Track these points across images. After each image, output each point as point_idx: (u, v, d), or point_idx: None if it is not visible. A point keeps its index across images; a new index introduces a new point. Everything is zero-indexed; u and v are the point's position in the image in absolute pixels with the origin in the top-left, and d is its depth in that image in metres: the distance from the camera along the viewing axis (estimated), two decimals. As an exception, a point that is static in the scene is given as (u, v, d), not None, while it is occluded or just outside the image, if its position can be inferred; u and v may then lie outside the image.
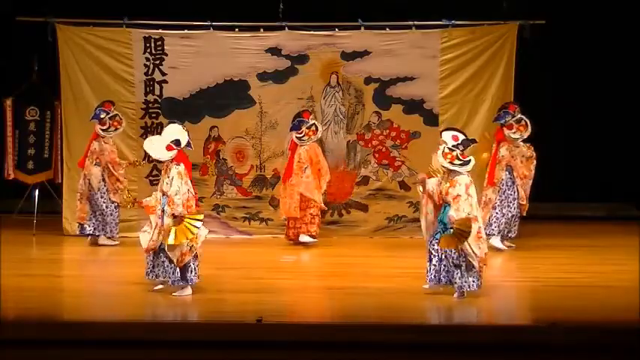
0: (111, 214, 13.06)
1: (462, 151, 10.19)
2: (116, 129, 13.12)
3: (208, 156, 14.07)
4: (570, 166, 15.19)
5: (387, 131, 14.11)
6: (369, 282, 11.00)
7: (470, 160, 10.19)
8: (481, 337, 8.76)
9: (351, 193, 14.12)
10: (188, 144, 10.33)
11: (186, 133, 10.33)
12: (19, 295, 9.98)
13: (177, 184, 10.04)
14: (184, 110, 13.91)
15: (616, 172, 15.17)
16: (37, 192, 14.39)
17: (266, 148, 14.03)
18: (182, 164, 10.18)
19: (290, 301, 10.40)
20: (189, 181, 10.18)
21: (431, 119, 13.95)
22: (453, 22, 13.85)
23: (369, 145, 14.14)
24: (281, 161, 13.91)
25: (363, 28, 13.88)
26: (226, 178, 14.12)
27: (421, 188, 10.28)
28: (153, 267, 10.22)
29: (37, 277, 11.11)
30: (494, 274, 11.41)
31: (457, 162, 10.11)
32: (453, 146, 10.19)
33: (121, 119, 13.14)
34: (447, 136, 10.37)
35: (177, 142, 10.18)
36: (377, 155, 14.13)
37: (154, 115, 13.96)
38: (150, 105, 13.98)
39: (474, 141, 10.52)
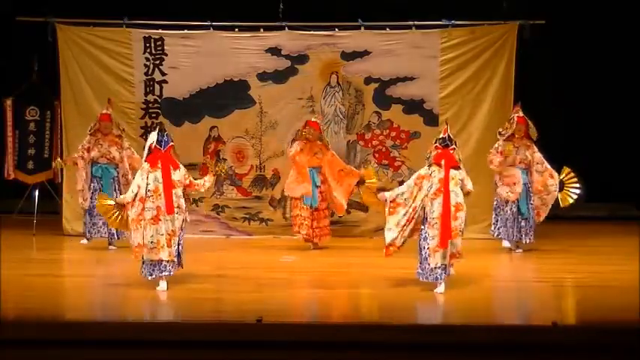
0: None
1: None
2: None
3: (208, 156, 14.07)
4: (570, 166, 15.16)
5: (387, 131, 14.11)
6: (369, 282, 11.00)
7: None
8: (481, 337, 8.76)
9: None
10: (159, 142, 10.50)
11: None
12: (19, 295, 9.98)
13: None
14: (184, 110, 13.93)
15: (616, 172, 15.17)
16: (37, 192, 14.40)
17: (266, 148, 14.03)
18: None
19: (290, 301, 10.40)
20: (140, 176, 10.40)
21: (431, 119, 13.95)
22: (453, 22, 13.86)
23: (369, 145, 14.15)
24: (281, 161, 13.91)
25: (363, 28, 13.88)
26: (226, 178, 14.13)
27: None
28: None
29: (37, 277, 11.11)
30: (494, 274, 11.42)
31: None
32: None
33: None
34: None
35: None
36: (377, 155, 14.13)
37: (153, 115, 13.96)
38: (150, 105, 13.99)
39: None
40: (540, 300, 10.43)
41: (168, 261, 10.28)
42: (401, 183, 13.99)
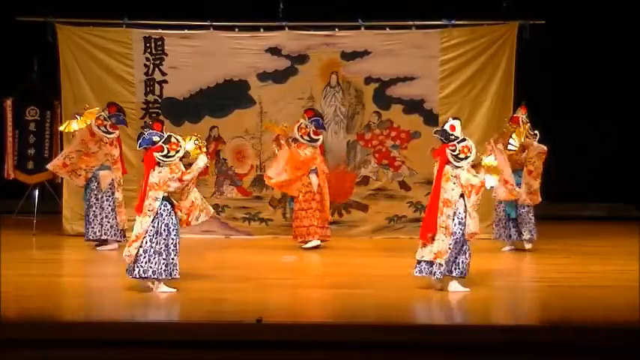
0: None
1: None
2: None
3: (208, 156, 14.03)
4: (570, 166, 15.19)
5: (387, 131, 14.12)
6: (369, 282, 11.00)
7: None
8: (481, 337, 8.76)
9: (351, 193, 14.12)
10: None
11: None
12: (19, 295, 9.97)
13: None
14: (184, 110, 13.94)
15: (616, 172, 15.18)
16: (37, 192, 14.41)
17: (266, 148, 14.02)
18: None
19: (290, 301, 10.40)
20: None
21: (431, 119, 13.95)
22: (453, 22, 13.87)
23: (369, 145, 14.15)
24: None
25: (363, 28, 13.89)
26: (226, 178, 14.13)
27: None
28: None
29: (37, 277, 11.10)
30: (494, 274, 11.42)
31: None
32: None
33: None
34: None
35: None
36: (377, 155, 14.13)
37: (154, 115, 13.97)
38: (150, 105, 14.00)
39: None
40: (540, 300, 10.43)
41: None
42: (401, 183, 14.09)
